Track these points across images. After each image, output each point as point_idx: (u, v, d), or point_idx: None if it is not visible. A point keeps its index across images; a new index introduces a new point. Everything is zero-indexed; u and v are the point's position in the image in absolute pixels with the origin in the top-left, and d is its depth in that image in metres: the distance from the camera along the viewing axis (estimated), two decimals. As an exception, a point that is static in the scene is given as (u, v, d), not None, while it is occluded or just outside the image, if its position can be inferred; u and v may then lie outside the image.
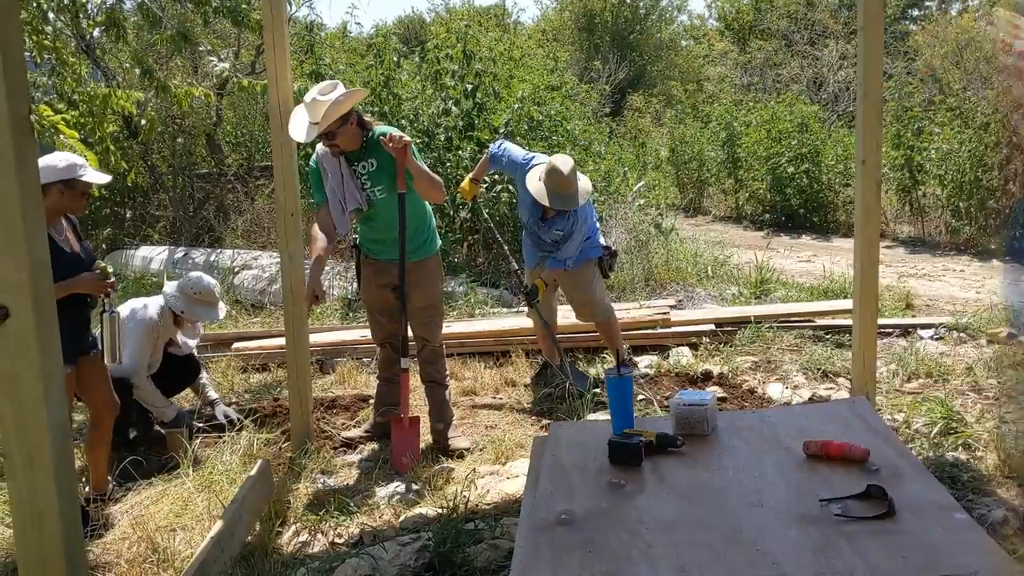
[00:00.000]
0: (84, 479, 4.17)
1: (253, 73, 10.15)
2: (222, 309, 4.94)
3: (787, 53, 22.02)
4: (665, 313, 6.54)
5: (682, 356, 5.96)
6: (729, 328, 6.40)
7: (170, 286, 4.84)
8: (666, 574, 2.07)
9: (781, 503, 2.39)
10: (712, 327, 6.39)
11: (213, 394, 5.15)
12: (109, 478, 4.17)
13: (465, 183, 5.29)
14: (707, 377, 5.53)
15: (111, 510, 4.01)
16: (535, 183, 4.87)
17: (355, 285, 4.59)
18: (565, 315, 5.90)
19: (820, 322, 6.56)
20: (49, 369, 1.69)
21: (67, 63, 5.81)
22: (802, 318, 6.63)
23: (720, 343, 6.22)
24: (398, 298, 4.44)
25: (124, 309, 4.69)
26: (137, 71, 6.50)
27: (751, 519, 2.32)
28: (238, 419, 4.92)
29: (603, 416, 4.56)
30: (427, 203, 4.55)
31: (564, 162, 4.79)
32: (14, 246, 1.63)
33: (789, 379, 5.41)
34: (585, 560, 2.16)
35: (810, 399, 5.01)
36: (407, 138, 4.20)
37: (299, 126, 4.16)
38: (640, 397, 5.00)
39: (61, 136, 4.56)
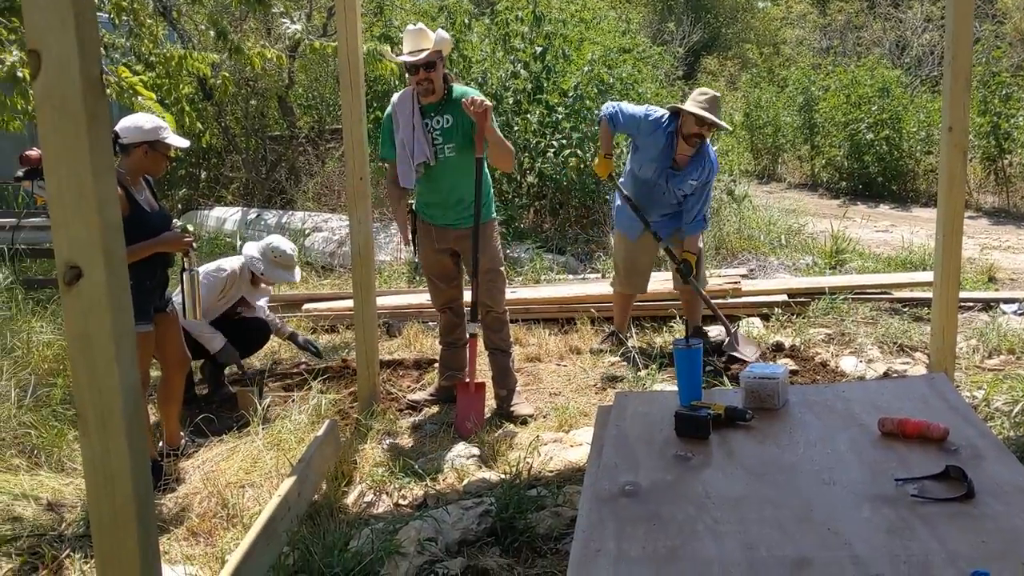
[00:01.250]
0: (158, 434, 4.29)
1: (324, 35, 10.18)
2: (298, 272, 5.10)
3: (869, 15, 21.26)
4: (736, 282, 6.41)
5: (753, 327, 5.85)
6: (802, 299, 6.25)
7: (251, 247, 4.98)
8: (733, 551, 2.02)
9: (854, 482, 2.32)
10: (784, 298, 6.25)
11: (289, 328, 5.39)
12: (182, 434, 4.28)
13: (598, 162, 5.29)
14: (778, 349, 5.42)
15: (183, 465, 4.11)
16: (687, 105, 4.92)
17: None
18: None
19: (897, 294, 6.37)
20: (121, 329, 1.71)
21: (144, 25, 5.89)
22: (879, 290, 6.44)
23: (792, 314, 6.07)
24: (461, 263, 4.46)
25: (206, 266, 4.85)
26: (212, 33, 6.56)
27: (823, 497, 2.25)
28: (317, 348, 5.30)
29: (669, 387, 4.51)
30: (485, 168, 4.52)
31: (713, 91, 5.00)
32: (86, 207, 1.64)
33: (863, 353, 5.26)
34: (649, 533, 2.12)
35: (885, 374, 4.86)
36: (488, 103, 4.17)
37: (409, 46, 4.21)
38: (708, 368, 4.92)
39: (139, 98, 4.63)
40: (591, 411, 4.45)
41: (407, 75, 4.31)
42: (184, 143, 3.89)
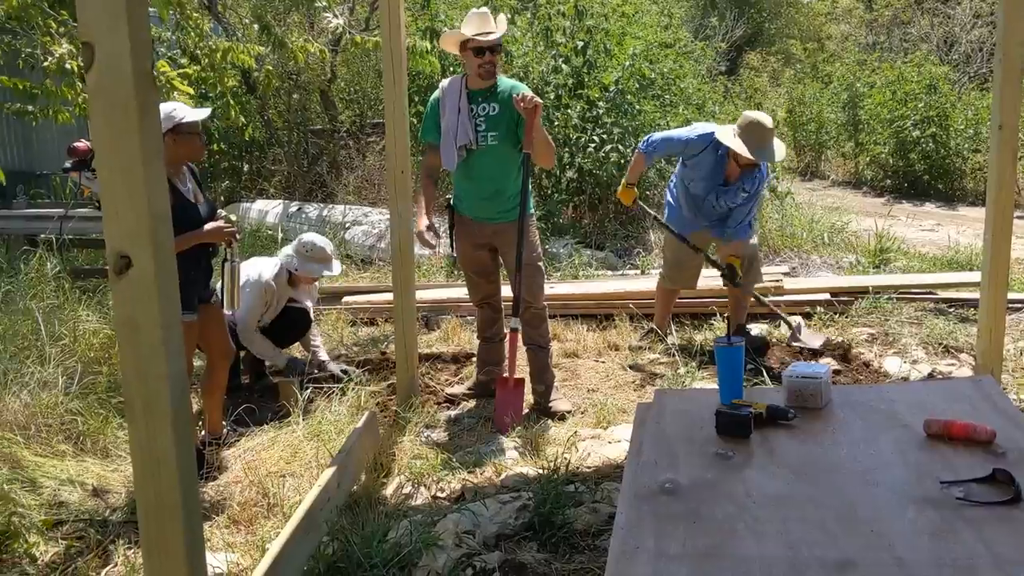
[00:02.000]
0: (200, 423, 4.35)
1: (367, 29, 10.24)
2: (337, 264, 5.08)
3: (916, 11, 20.86)
4: (778, 281, 6.34)
5: (794, 326, 5.78)
6: (845, 298, 6.17)
7: (287, 248, 5.03)
8: (774, 550, 2.00)
9: (898, 483, 2.28)
10: (827, 296, 6.17)
11: (323, 356, 5.24)
12: (224, 423, 4.33)
13: (622, 189, 5.25)
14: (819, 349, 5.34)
15: (225, 454, 4.17)
16: (731, 139, 4.80)
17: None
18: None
19: (943, 295, 6.26)
20: (168, 318, 1.73)
21: (191, 18, 5.96)
22: (924, 290, 6.33)
23: (835, 313, 6.00)
24: (498, 258, 4.46)
25: (247, 269, 4.86)
26: (256, 27, 6.62)
27: (866, 498, 2.21)
28: (353, 372, 5.09)
29: (709, 385, 4.47)
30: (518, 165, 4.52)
31: (764, 116, 4.84)
32: (136, 197, 1.67)
33: (908, 353, 5.18)
34: (689, 531, 2.11)
35: (930, 375, 4.78)
36: (539, 100, 4.17)
37: (476, 28, 4.23)
38: (749, 367, 4.88)
39: (176, 92, 4.68)
40: (629, 408, 4.43)
41: (472, 59, 4.27)
42: (203, 113, 3.84)
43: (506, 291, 4.71)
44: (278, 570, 2.65)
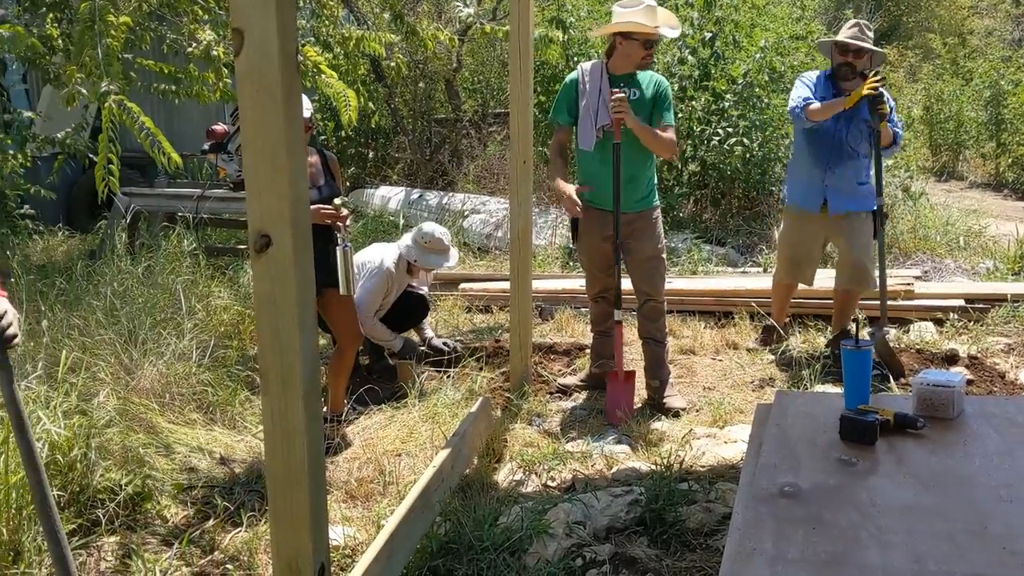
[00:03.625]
0: (323, 400, 4.49)
1: (494, 19, 10.32)
2: (454, 255, 5.15)
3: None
4: (909, 284, 6.08)
5: (925, 332, 5.53)
6: (981, 305, 5.86)
7: (406, 237, 5.13)
8: (899, 561, 1.93)
9: (1037, 502, 2.16)
10: (961, 303, 5.87)
11: (429, 332, 5.46)
12: (345, 401, 4.47)
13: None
14: (952, 357, 5.10)
15: (345, 431, 4.30)
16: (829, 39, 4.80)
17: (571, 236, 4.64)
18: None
19: (1090, 306, 5.87)
20: (304, 296, 1.80)
21: (326, 6, 6.13)
22: (1069, 300, 5.95)
23: (969, 321, 5.71)
24: (620, 250, 4.44)
25: (363, 257, 5.06)
26: (387, 15, 6.76)
27: (999, 514, 2.11)
28: (455, 346, 5.32)
29: (832, 388, 4.34)
30: (653, 154, 4.47)
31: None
32: (278, 179, 1.73)
33: (1049, 366, 4.89)
34: (809, 536, 2.06)
35: (1072, 390, 4.51)
36: (628, 115, 4.17)
37: (649, 20, 4.25)
38: (875, 372, 4.70)
39: (323, 76, 4.83)
40: (747, 408, 4.35)
41: (638, 49, 4.29)
42: (308, 109, 3.94)
43: (626, 284, 4.68)
44: (393, 547, 2.71)
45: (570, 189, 4.31)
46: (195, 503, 3.53)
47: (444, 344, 5.32)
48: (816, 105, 4.73)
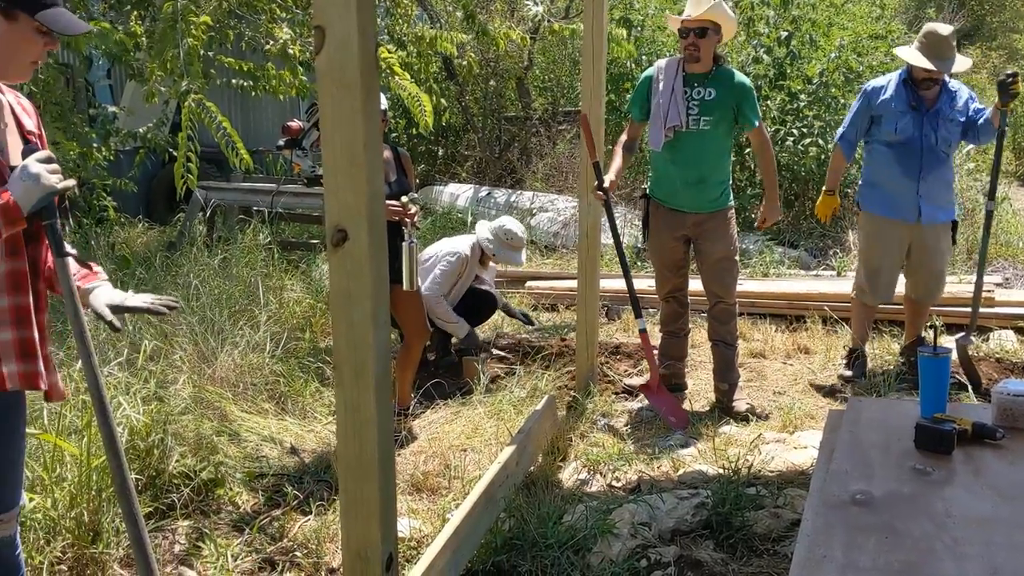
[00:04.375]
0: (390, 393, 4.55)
1: (566, 17, 10.31)
2: (524, 254, 5.27)
3: None
4: (989, 291, 5.88)
5: (1005, 341, 5.36)
6: (1067, 315, 5.65)
7: (483, 228, 5.18)
8: (975, 574, 1.88)
9: (1125, 520, 2.08)
10: (1045, 312, 5.67)
11: (504, 300, 5.62)
12: (412, 395, 4.52)
13: (820, 201, 4.97)
14: (1034, 367, 4.93)
15: (411, 424, 4.34)
16: (905, 51, 4.53)
17: (641, 235, 4.61)
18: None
19: None
20: (378, 290, 1.83)
21: (400, 4, 6.21)
22: None
23: (1055, 331, 5.51)
24: (691, 251, 4.40)
25: (433, 248, 5.16)
26: (459, 14, 6.81)
27: (1085, 532, 2.04)
28: (528, 317, 5.59)
29: (906, 397, 4.24)
30: (729, 153, 4.42)
31: (943, 26, 4.47)
32: (356, 174, 1.76)
33: None
34: (881, 545, 2.01)
35: None
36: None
37: (687, 11, 4.23)
38: (952, 380, 4.55)
39: (396, 78, 4.89)
40: (818, 414, 4.27)
41: (681, 40, 4.28)
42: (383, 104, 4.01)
43: (695, 285, 4.63)
44: (458, 540, 2.74)
45: (607, 176, 4.26)
46: (265, 491, 3.60)
47: (523, 315, 5.57)
48: (840, 154, 4.83)
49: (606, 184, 4.19)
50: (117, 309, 2.18)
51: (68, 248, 2.06)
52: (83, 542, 2.92)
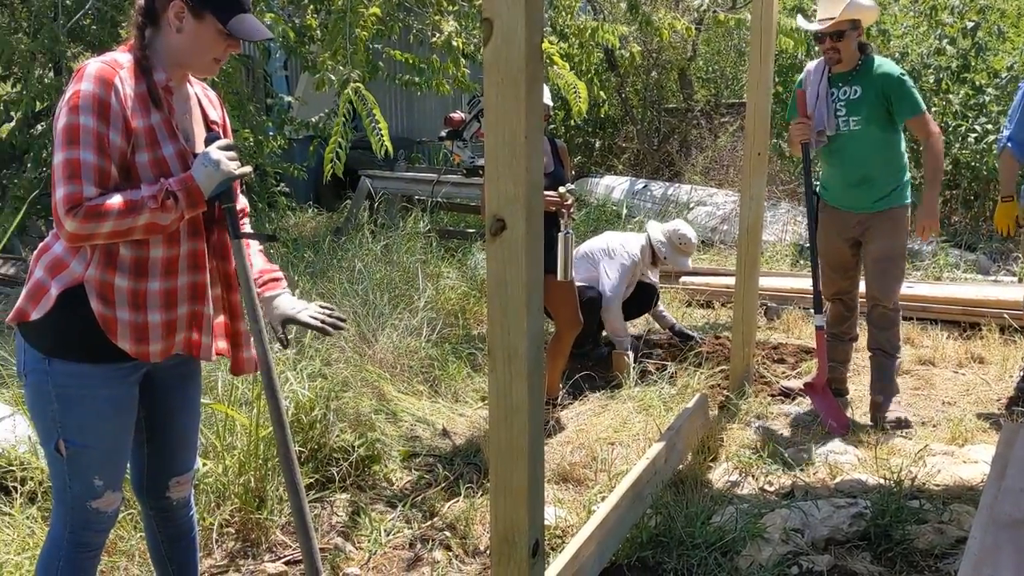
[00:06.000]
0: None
1: (733, 7, 10.05)
2: (691, 259, 5.31)
3: None
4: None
5: None
6: None
7: (656, 229, 5.21)
8: None
9: None
10: None
11: (672, 319, 5.57)
12: (561, 386, 4.54)
13: (999, 208, 4.51)
14: None
15: (559, 415, 4.37)
16: None
17: (806, 232, 4.44)
18: None
19: None
20: (533, 279, 1.85)
21: (565, -4, 6.25)
22: None
23: None
24: (861, 252, 4.21)
25: (599, 244, 5.20)
26: (623, 5, 6.77)
27: None
28: (698, 337, 5.42)
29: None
30: (903, 147, 4.18)
31: None
32: (516, 164, 1.79)
33: None
34: (1059, 574, 1.87)
35: None
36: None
37: (820, 14, 4.09)
38: None
39: (555, 67, 4.92)
40: (991, 428, 4.00)
41: (817, 45, 4.14)
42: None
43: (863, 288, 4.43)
44: (604, 533, 2.74)
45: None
46: (418, 470, 3.72)
47: (689, 332, 5.48)
48: (1009, 156, 4.32)
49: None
50: (289, 321, 2.30)
51: (247, 230, 2.19)
52: (249, 507, 3.11)
